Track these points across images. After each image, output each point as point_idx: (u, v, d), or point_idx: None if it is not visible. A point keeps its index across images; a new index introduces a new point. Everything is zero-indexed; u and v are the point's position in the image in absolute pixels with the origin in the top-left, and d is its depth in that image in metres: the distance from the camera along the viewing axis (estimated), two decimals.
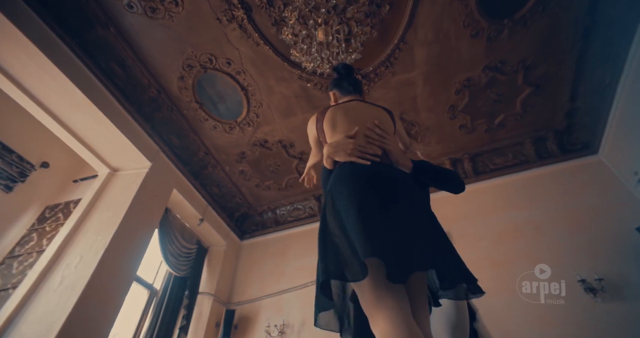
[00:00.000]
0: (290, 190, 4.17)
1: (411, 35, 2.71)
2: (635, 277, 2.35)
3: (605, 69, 2.89)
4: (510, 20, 2.64)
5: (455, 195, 1.20)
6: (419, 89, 3.11)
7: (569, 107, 3.26)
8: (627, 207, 2.79)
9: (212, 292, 3.46)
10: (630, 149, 2.92)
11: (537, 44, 2.81)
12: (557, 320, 2.26)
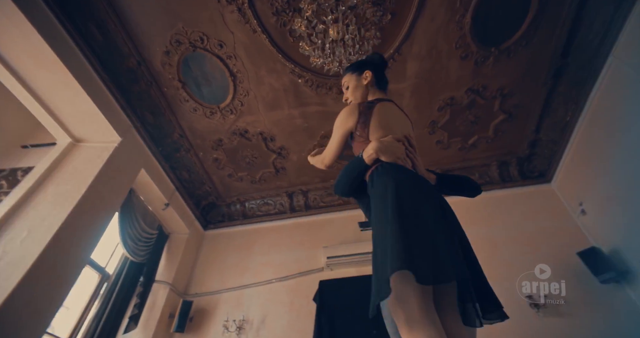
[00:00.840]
0: (263, 184, 4.09)
1: (407, 47, 2.80)
2: (572, 296, 2.64)
3: (568, 108, 3.20)
4: (496, 49, 2.83)
5: None
6: (405, 100, 3.21)
7: (533, 138, 3.56)
8: (571, 233, 3.12)
9: (170, 281, 3.28)
10: (578, 182, 3.26)
11: (516, 75, 3.03)
12: (504, 332, 2.47)
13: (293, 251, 3.64)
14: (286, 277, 3.35)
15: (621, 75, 2.60)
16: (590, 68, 2.86)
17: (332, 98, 3.16)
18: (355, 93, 1.39)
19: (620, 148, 2.70)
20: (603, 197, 2.93)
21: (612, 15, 2.55)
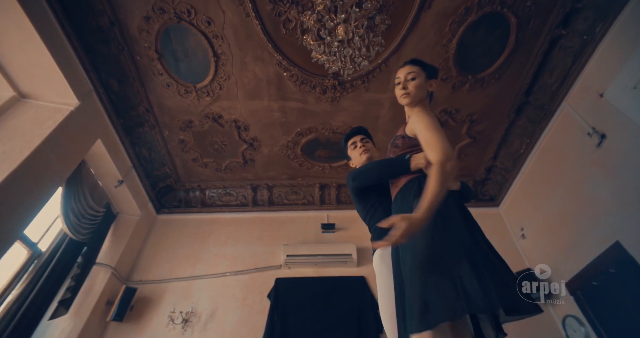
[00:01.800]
0: (228, 173, 3.95)
1: (395, 60, 2.88)
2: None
3: (523, 141, 3.53)
4: (473, 77, 3.03)
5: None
6: (384, 111, 3.31)
7: (489, 164, 3.88)
8: (512, 255, 3.44)
9: (112, 264, 3.01)
10: (522, 209, 3.61)
11: (486, 104, 3.28)
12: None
13: (251, 246, 3.55)
14: (241, 271, 3.26)
15: (570, 120, 2.93)
16: (546, 109, 3.18)
17: (315, 97, 3.15)
18: (418, 91, 1.30)
19: (560, 183, 3.04)
20: (541, 225, 3.27)
21: (570, 67, 2.87)
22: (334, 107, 3.25)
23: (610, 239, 2.40)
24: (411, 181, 1.15)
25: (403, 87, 1.30)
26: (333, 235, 3.70)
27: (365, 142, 1.63)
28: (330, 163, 3.89)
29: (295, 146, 3.64)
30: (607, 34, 2.53)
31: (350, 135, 1.68)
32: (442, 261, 0.90)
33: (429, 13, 2.60)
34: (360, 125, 1.76)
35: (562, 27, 2.71)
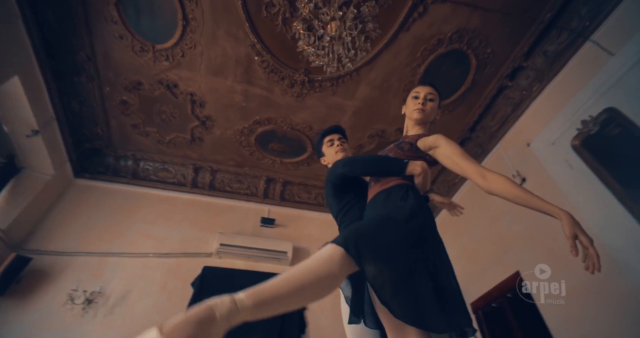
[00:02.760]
0: (171, 148, 3.65)
1: (366, 71, 2.97)
2: None
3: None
4: None
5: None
6: (345, 117, 3.38)
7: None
8: None
9: (2, 226, 2.54)
10: (447, 233, 3.96)
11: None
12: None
13: (182, 229, 3.31)
14: (167, 254, 3.00)
15: (501, 161, 3.32)
16: (484, 147, 3.57)
17: (281, 88, 3.08)
18: (432, 113, 1.41)
19: (483, 215, 3.41)
20: (460, 249, 3.63)
21: (509, 115, 3.26)
22: (298, 103, 3.21)
23: (512, 269, 2.77)
24: (401, 186, 1.17)
25: (422, 103, 1.38)
26: (271, 230, 3.64)
27: (342, 142, 1.65)
28: (282, 158, 3.83)
29: (250, 134, 3.51)
30: (540, 94, 2.93)
31: (329, 132, 1.68)
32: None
33: (406, 35, 2.73)
34: (339, 125, 1.76)
35: (509, 79, 3.07)
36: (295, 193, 4.16)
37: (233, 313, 0.68)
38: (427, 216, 1.05)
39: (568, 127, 2.49)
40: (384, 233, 0.93)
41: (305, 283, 0.79)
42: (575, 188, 2.34)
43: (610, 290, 2.00)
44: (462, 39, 2.79)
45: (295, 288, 0.78)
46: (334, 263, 0.84)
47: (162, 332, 0.60)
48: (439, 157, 1.22)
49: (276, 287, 0.78)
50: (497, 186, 1.03)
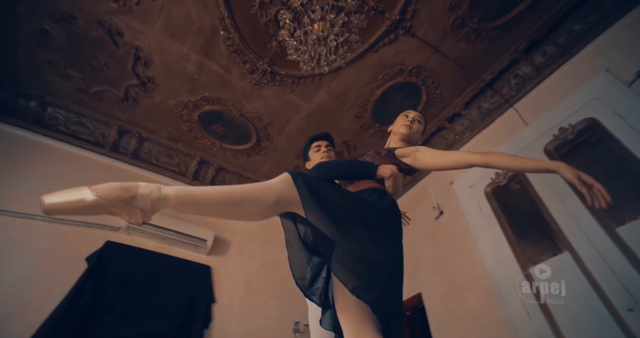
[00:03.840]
0: (95, 101, 3.17)
1: (329, 78, 3.01)
2: None
3: None
4: (380, 126, 3.47)
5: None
6: (297, 117, 3.37)
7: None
8: None
9: None
10: None
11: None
12: None
13: None
14: (62, 220, 2.55)
15: (427, 192, 3.68)
16: (415, 177, 3.92)
17: (240, 72, 2.94)
18: (416, 134, 1.52)
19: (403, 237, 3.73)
20: None
21: None
22: (254, 91, 3.10)
23: (416, 290, 3.10)
24: (373, 189, 1.20)
25: (410, 121, 1.51)
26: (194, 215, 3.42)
27: (329, 149, 1.69)
28: (223, 143, 3.64)
29: (194, 109, 3.25)
30: (469, 141, 3.35)
31: (318, 137, 1.74)
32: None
33: (374, 56, 2.86)
34: (328, 133, 1.83)
35: (448, 121, 3.44)
36: (227, 182, 3.98)
37: (154, 195, 0.76)
38: (391, 214, 1.12)
39: (484, 175, 2.89)
40: (334, 169, 1.10)
41: (236, 197, 0.84)
42: (481, 228, 2.72)
43: (489, 315, 2.37)
44: (420, 74, 3.04)
45: (224, 198, 0.84)
46: (274, 185, 0.90)
47: (91, 188, 0.72)
48: (421, 159, 1.22)
49: (206, 190, 0.84)
50: (495, 158, 1.09)
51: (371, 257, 0.91)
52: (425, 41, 2.81)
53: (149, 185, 0.79)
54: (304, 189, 0.90)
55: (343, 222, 0.92)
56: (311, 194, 0.90)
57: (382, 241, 0.98)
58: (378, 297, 0.87)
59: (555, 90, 2.63)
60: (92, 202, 0.70)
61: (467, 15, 2.64)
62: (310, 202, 0.89)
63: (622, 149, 1.91)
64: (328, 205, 0.92)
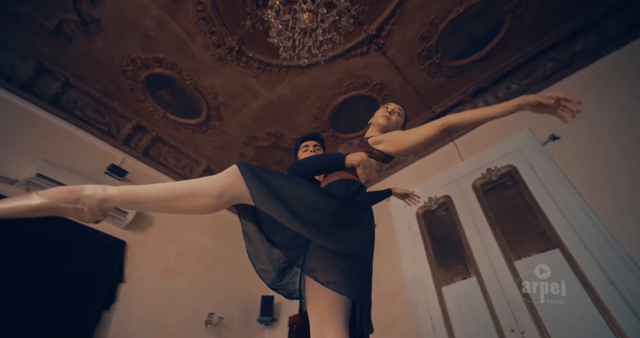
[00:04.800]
0: (9, 25, 2.65)
1: (295, 73, 2.97)
2: (237, 324, 3.18)
3: None
4: (334, 131, 3.53)
5: None
6: (255, 104, 3.25)
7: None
8: None
9: None
10: None
11: None
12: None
13: None
14: None
15: None
16: None
17: (205, 41, 2.74)
18: (394, 125, 1.47)
19: None
20: None
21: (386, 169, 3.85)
22: (215, 65, 2.91)
23: None
24: (342, 181, 1.18)
25: (389, 112, 1.48)
26: (118, 183, 3.04)
27: (317, 149, 1.68)
28: (168, 112, 3.34)
29: (142, 68, 2.93)
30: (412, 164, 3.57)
31: (306, 138, 1.73)
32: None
33: (344, 63, 2.91)
34: (318, 133, 1.81)
35: None
36: (163, 154, 3.65)
37: (98, 195, 0.82)
38: (356, 202, 1.08)
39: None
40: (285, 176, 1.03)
41: (180, 191, 0.88)
42: (407, 245, 2.93)
43: (402, 327, 2.55)
44: (381, 92, 3.17)
45: (168, 194, 0.87)
46: (220, 178, 0.92)
47: (37, 193, 0.76)
48: (395, 141, 1.22)
49: (150, 188, 0.87)
50: (454, 118, 1.10)
51: (333, 245, 0.91)
52: (393, 62, 2.95)
53: (95, 186, 0.84)
54: (251, 179, 0.91)
55: (298, 210, 0.91)
56: (259, 183, 0.91)
57: (344, 227, 0.97)
58: (342, 283, 0.86)
59: (488, 135, 2.97)
60: (37, 205, 0.76)
61: (433, 49, 2.85)
62: (259, 191, 0.90)
63: (529, 196, 2.25)
64: (279, 193, 0.92)
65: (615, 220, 1.83)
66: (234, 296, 3.43)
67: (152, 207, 0.91)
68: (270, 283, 1.07)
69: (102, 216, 0.85)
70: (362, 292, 0.90)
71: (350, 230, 0.98)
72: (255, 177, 0.92)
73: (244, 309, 3.45)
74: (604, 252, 1.71)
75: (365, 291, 0.93)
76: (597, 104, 2.37)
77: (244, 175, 0.91)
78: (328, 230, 0.93)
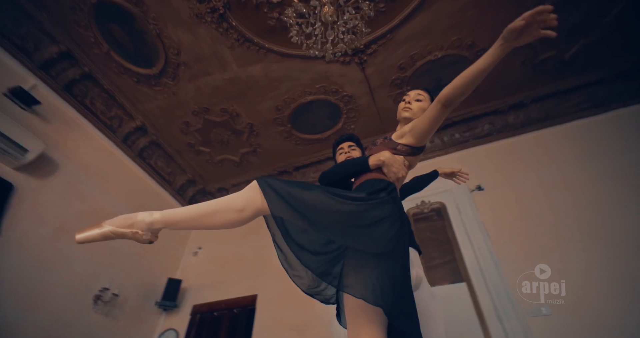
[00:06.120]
0: None
1: (275, 57, 2.86)
2: (131, 309, 2.79)
3: None
4: (291, 128, 3.48)
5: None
6: (220, 75, 3.01)
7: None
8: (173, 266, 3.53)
9: None
10: None
11: (274, 148, 3.75)
12: None
13: None
14: None
15: None
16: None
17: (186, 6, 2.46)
18: (420, 111, 1.32)
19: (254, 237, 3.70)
20: (210, 256, 3.69)
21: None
22: (190, 20, 2.61)
23: (253, 291, 3.14)
24: (369, 181, 1.16)
25: (407, 102, 1.36)
26: (21, 112, 2.46)
27: (352, 149, 1.64)
28: (114, 51, 2.87)
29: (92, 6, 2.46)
30: None
31: (340, 141, 1.70)
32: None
33: (323, 65, 2.92)
34: (352, 134, 1.78)
35: None
36: (91, 96, 3.10)
37: (147, 219, 0.96)
38: (377, 202, 1.03)
39: None
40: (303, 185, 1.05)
41: (209, 209, 0.98)
42: None
43: (315, 331, 2.59)
44: (348, 104, 3.27)
45: (201, 212, 0.98)
46: (242, 193, 1.01)
47: (106, 222, 0.97)
48: (416, 131, 1.17)
49: (186, 209, 1.00)
50: (447, 89, 1.04)
51: (355, 245, 0.94)
52: (368, 80, 3.07)
53: (145, 212, 0.99)
54: (268, 191, 0.99)
55: (313, 214, 0.96)
56: (275, 194, 0.98)
57: (362, 227, 0.96)
58: (358, 288, 0.87)
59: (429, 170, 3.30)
60: (105, 232, 0.94)
61: (406, 81, 3.06)
62: (275, 200, 0.97)
63: (451, 232, 2.57)
64: (294, 201, 0.97)
65: (513, 268, 2.20)
66: (136, 273, 3.06)
67: (189, 225, 1.01)
68: (306, 289, 1.13)
69: (154, 237, 1.00)
70: (385, 297, 0.85)
71: (369, 229, 0.96)
72: (272, 189, 0.99)
73: (144, 289, 3.10)
74: (499, 294, 2.06)
75: (389, 295, 0.86)
76: (517, 168, 2.85)
77: (262, 188, 1.00)
78: (345, 232, 0.95)
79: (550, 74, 3.03)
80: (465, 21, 2.66)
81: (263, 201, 0.98)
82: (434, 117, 1.10)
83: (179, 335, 3.00)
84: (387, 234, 0.95)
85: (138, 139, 3.49)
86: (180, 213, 0.99)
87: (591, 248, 2.21)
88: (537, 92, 3.14)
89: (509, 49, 0.93)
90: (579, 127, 2.98)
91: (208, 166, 3.92)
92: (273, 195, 0.98)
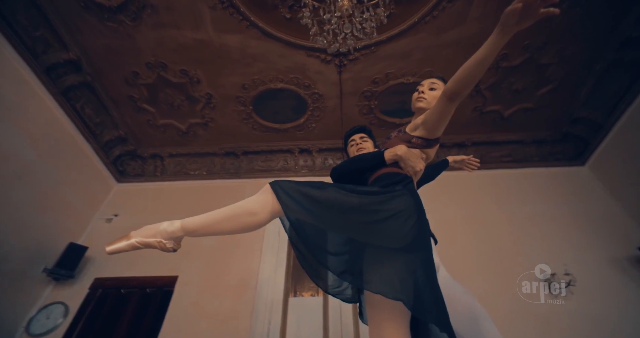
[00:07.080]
0: None
1: (255, 36, 2.71)
2: None
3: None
4: (252, 110, 3.32)
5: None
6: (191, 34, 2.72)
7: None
8: None
9: None
10: None
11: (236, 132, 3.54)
12: None
13: None
14: None
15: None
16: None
17: None
18: (434, 100, 1.26)
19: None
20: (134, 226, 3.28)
21: (289, 165, 3.86)
22: None
23: (174, 272, 2.80)
24: (384, 174, 1.17)
25: (421, 91, 1.32)
26: None
27: (364, 140, 1.63)
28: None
29: None
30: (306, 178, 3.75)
31: (352, 133, 1.68)
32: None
33: (303, 56, 2.89)
34: (364, 125, 1.76)
35: (300, 151, 3.76)
36: (13, 5, 2.49)
37: (169, 229, 1.06)
38: (391, 195, 1.03)
39: None
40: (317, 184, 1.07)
41: (226, 215, 1.04)
42: (271, 248, 3.00)
43: (236, 323, 2.47)
44: (315, 102, 3.27)
45: (219, 219, 1.04)
46: (256, 197, 1.05)
47: (133, 234, 1.06)
48: (428, 123, 1.16)
49: (204, 216, 1.06)
50: (450, 83, 1.03)
51: (372, 240, 0.93)
52: (341, 85, 3.11)
53: (167, 222, 1.07)
54: (280, 193, 1.02)
55: (324, 212, 0.98)
56: (286, 195, 1.02)
57: (375, 222, 0.96)
58: (392, 285, 0.86)
59: None
60: (132, 243, 1.04)
61: (375, 96, 3.21)
62: (287, 201, 1.00)
63: None
64: (305, 201, 1.00)
65: None
66: (26, 231, 2.53)
67: (208, 232, 1.06)
68: (328, 290, 1.11)
69: (177, 245, 1.09)
70: (405, 291, 0.84)
71: (385, 223, 0.95)
72: (284, 191, 1.03)
73: (31, 251, 2.58)
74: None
75: (409, 289, 0.85)
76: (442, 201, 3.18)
77: (274, 191, 1.03)
78: (361, 228, 0.95)
79: (491, 124, 3.48)
80: (440, 57, 2.89)
81: (276, 203, 1.01)
82: (442, 110, 1.10)
83: (68, 311, 2.53)
84: (404, 227, 0.94)
85: (67, 74, 2.92)
86: (197, 221, 1.05)
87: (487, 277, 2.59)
88: (477, 137, 3.58)
89: (509, 35, 0.88)
90: (500, 175, 3.48)
91: (147, 128, 3.48)
92: (286, 197, 1.01)
